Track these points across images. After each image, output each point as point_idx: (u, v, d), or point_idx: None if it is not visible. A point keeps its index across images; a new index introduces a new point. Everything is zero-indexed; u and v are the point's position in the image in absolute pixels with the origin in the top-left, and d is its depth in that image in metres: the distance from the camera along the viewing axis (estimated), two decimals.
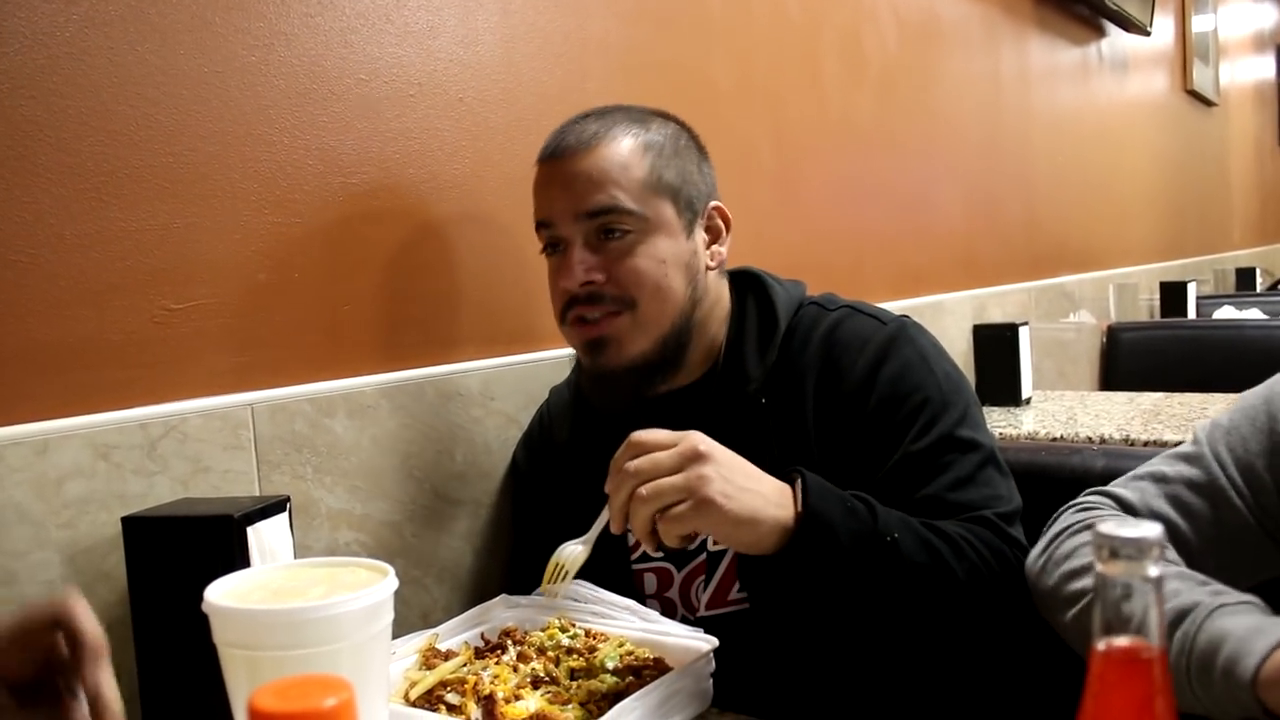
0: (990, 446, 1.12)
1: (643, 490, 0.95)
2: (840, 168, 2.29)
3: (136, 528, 0.94)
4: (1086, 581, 0.91)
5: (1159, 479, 0.99)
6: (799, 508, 0.98)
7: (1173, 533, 0.95)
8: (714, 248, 1.22)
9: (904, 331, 1.17)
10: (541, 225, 1.18)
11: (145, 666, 0.94)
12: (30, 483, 0.95)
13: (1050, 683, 1.18)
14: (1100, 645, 0.50)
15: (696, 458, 0.96)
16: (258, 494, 1.12)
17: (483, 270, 1.40)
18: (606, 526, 1.02)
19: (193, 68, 1.08)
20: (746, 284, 1.26)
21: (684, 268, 1.17)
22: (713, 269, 1.22)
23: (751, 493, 0.97)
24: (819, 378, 1.16)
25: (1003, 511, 1.07)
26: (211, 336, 1.10)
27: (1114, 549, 0.49)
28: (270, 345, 1.15)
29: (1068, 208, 3.55)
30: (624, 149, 1.15)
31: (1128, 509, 0.98)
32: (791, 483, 1.01)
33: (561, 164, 1.15)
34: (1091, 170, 3.80)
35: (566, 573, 1.05)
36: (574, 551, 1.06)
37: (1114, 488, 1.01)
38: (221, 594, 0.74)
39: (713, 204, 1.23)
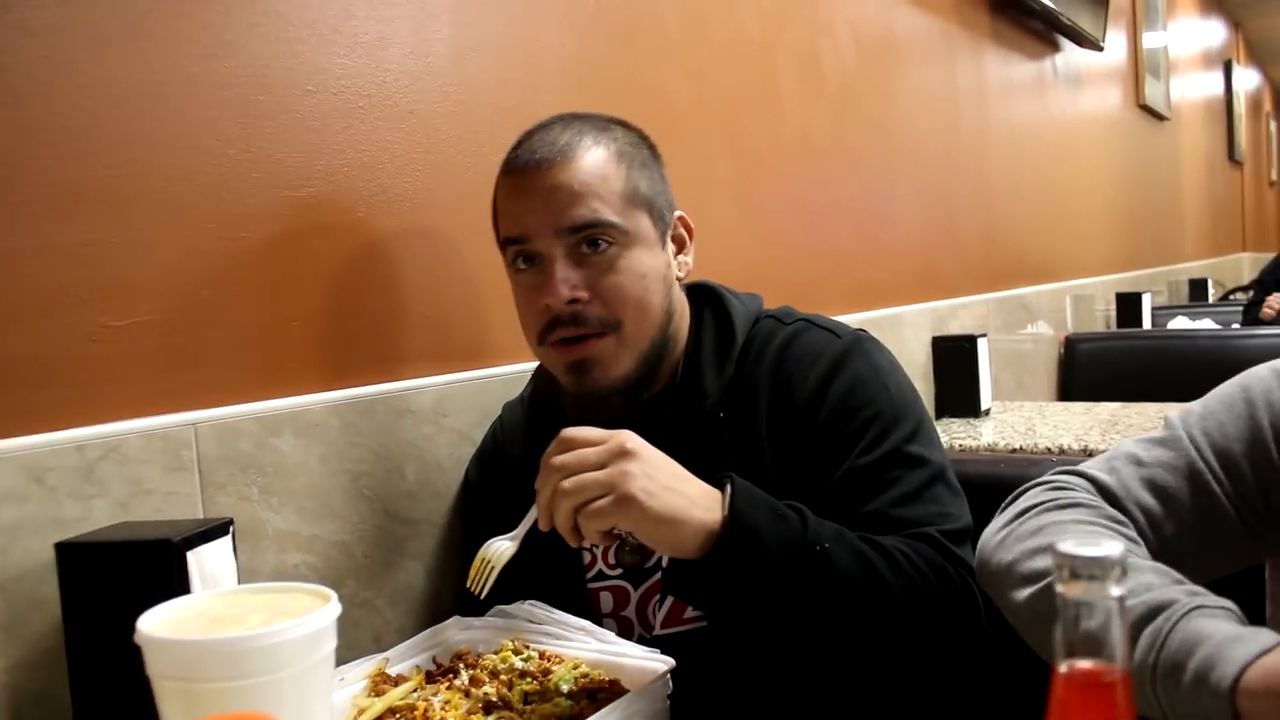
0: (940, 464, 1.11)
1: (565, 484, 0.94)
2: (799, 183, 2.29)
3: (71, 554, 0.90)
4: (1049, 563, 0.87)
5: (1135, 461, 0.96)
6: (725, 512, 0.97)
7: (1149, 517, 0.93)
8: (680, 258, 1.21)
9: (858, 345, 1.16)
10: (513, 241, 1.13)
11: (80, 700, 0.91)
12: None
13: (1006, 698, 1.18)
14: (1062, 667, 0.48)
15: (622, 454, 0.95)
16: (201, 516, 1.08)
17: (434, 285, 1.37)
18: (535, 523, 1.00)
19: (132, 77, 1.05)
20: (703, 297, 1.24)
21: (662, 280, 1.15)
22: (681, 279, 1.21)
23: (675, 493, 0.96)
24: (772, 392, 1.15)
25: (949, 529, 1.06)
26: (152, 354, 1.06)
27: (1074, 569, 0.48)
28: (214, 363, 1.12)
29: (1025, 220, 3.58)
30: (600, 159, 1.11)
31: (1103, 491, 0.94)
32: (721, 488, 0.99)
33: (536, 176, 1.11)
34: (1048, 183, 3.84)
35: (493, 569, 1.02)
36: (501, 547, 1.03)
37: (1087, 469, 0.98)
38: (156, 623, 0.71)
39: (677, 214, 1.21)
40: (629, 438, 0.96)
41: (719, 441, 1.14)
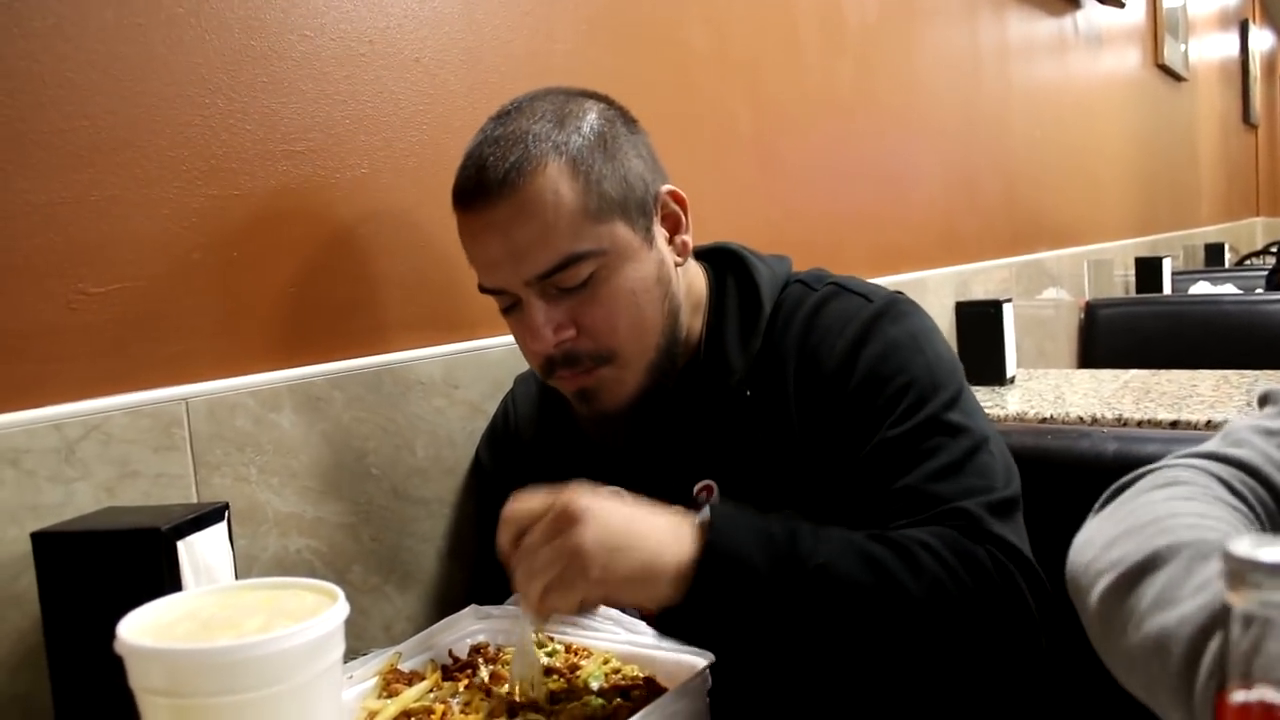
0: (984, 432, 1.00)
1: (519, 573, 0.84)
2: (820, 139, 2.19)
3: (49, 544, 0.81)
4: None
5: (1265, 433, 0.80)
6: (699, 543, 0.86)
7: None
8: (677, 238, 1.08)
9: (892, 309, 1.06)
10: (487, 291, 1.03)
11: (62, 703, 0.82)
12: None
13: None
14: (1236, 697, 0.39)
15: (567, 521, 0.83)
16: (195, 500, 1.00)
17: (444, 247, 1.27)
18: None
19: (109, 19, 0.95)
20: (726, 263, 1.14)
21: (655, 285, 1.03)
22: (681, 263, 1.08)
23: (635, 548, 0.84)
24: (800, 363, 1.05)
25: (991, 500, 0.94)
26: (137, 324, 0.97)
27: (1248, 576, 0.39)
28: (206, 333, 1.03)
29: (1044, 182, 3.48)
30: (553, 178, 0.96)
31: (1242, 466, 0.79)
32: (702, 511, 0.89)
33: (487, 214, 0.97)
34: (1067, 144, 3.73)
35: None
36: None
37: (1208, 448, 0.82)
38: (140, 628, 0.62)
39: (663, 190, 1.06)
40: (570, 500, 0.84)
41: (746, 422, 1.05)
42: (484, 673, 0.94)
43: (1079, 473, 1.29)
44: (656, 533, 0.86)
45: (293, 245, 1.11)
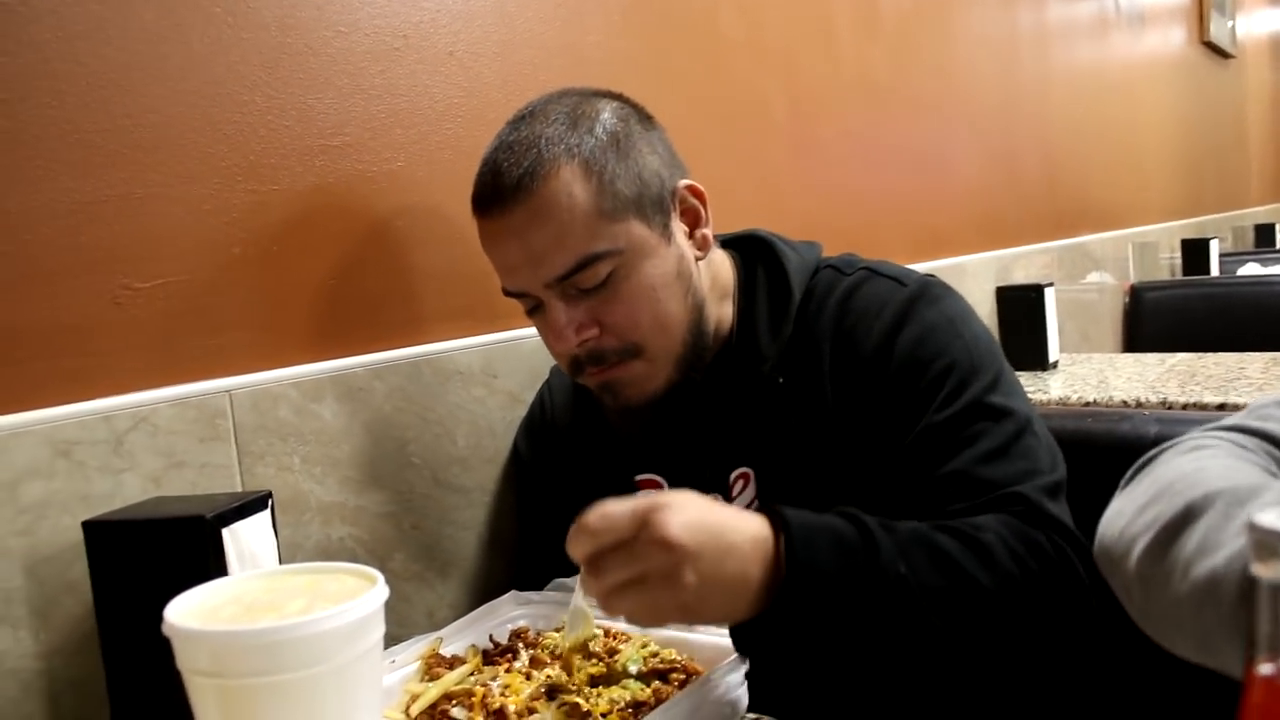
0: (1027, 414, 1.00)
1: (613, 600, 0.79)
2: (856, 126, 2.18)
3: (99, 532, 0.83)
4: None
5: None
6: (781, 561, 0.82)
7: None
8: (697, 233, 1.08)
9: (926, 292, 1.05)
10: (510, 294, 1.05)
11: (116, 689, 0.85)
12: None
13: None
14: (1264, 669, 0.39)
15: (661, 557, 0.76)
16: (239, 489, 1.02)
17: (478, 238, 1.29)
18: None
19: (150, 20, 0.97)
20: (755, 251, 1.14)
21: (675, 280, 1.03)
22: (702, 257, 1.08)
23: (729, 572, 0.79)
24: (834, 349, 1.05)
25: (1042, 484, 0.94)
26: (181, 317, 0.99)
27: (1277, 547, 0.39)
28: (248, 325, 1.05)
29: (1087, 165, 3.43)
30: (566, 181, 0.97)
31: (1276, 443, 0.77)
32: (774, 529, 0.83)
33: (503, 219, 0.99)
34: (1110, 126, 3.68)
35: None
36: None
37: (1235, 421, 0.81)
38: (186, 611, 0.64)
39: (681, 184, 1.06)
40: (662, 527, 0.77)
41: (779, 409, 1.06)
42: (524, 657, 0.95)
43: (1121, 455, 1.26)
44: (741, 550, 0.81)
45: (331, 239, 1.13)
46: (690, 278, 1.05)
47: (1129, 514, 0.76)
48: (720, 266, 1.12)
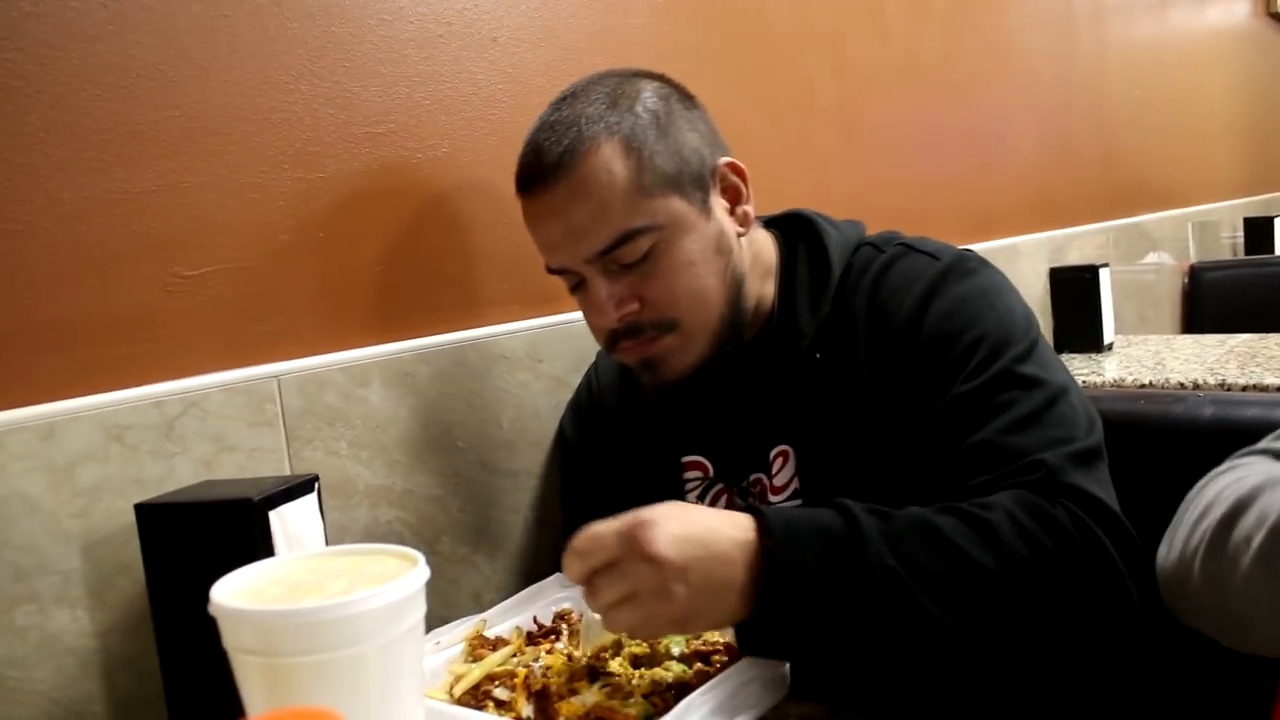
0: (1062, 383, 0.97)
1: (606, 616, 0.82)
2: (906, 108, 2.16)
3: (150, 515, 0.85)
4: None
5: None
6: (760, 560, 0.83)
7: None
8: (738, 209, 1.08)
9: (960, 265, 1.05)
10: (553, 271, 1.06)
11: (169, 666, 0.87)
12: (38, 470, 0.87)
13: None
14: None
15: (648, 573, 0.80)
16: (288, 473, 1.04)
17: (524, 223, 1.30)
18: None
19: (198, 12, 0.99)
20: (797, 229, 1.14)
21: (715, 256, 1.04)
22: (744, 233, 1.08)
23: (715, 581, 0.81)
24: (869, 324, 1.04)
25: (1071, 450, 0.91)
26: (230, 304, 1.01)
27: None
28: (296, 311, 1.07)
29: (1145, 142, 3.36)
30: (606, 158, 0.98)
31: None
32: (758, 529, 0.85)
33: (545, 198, 1.00)
34: (1169, 102, 3.60)
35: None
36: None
37: (1267, 445, 0.81)
38: (232, 591, 0.65)
39: (721, 162, 1.07)
40: (647, 544, 0.80)
41: (817, 383, 1.06)
42: (566, 638, 0.96)
43: (1174, 439, 1.24)
44: (730, 568, 0.83)
45: (377, 225, 1.14)
46: (730, 253, 1.06)
47: (1180, 541, 0.76)
48: (763, 245, 1.13)
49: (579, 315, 1.33)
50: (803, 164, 1.81)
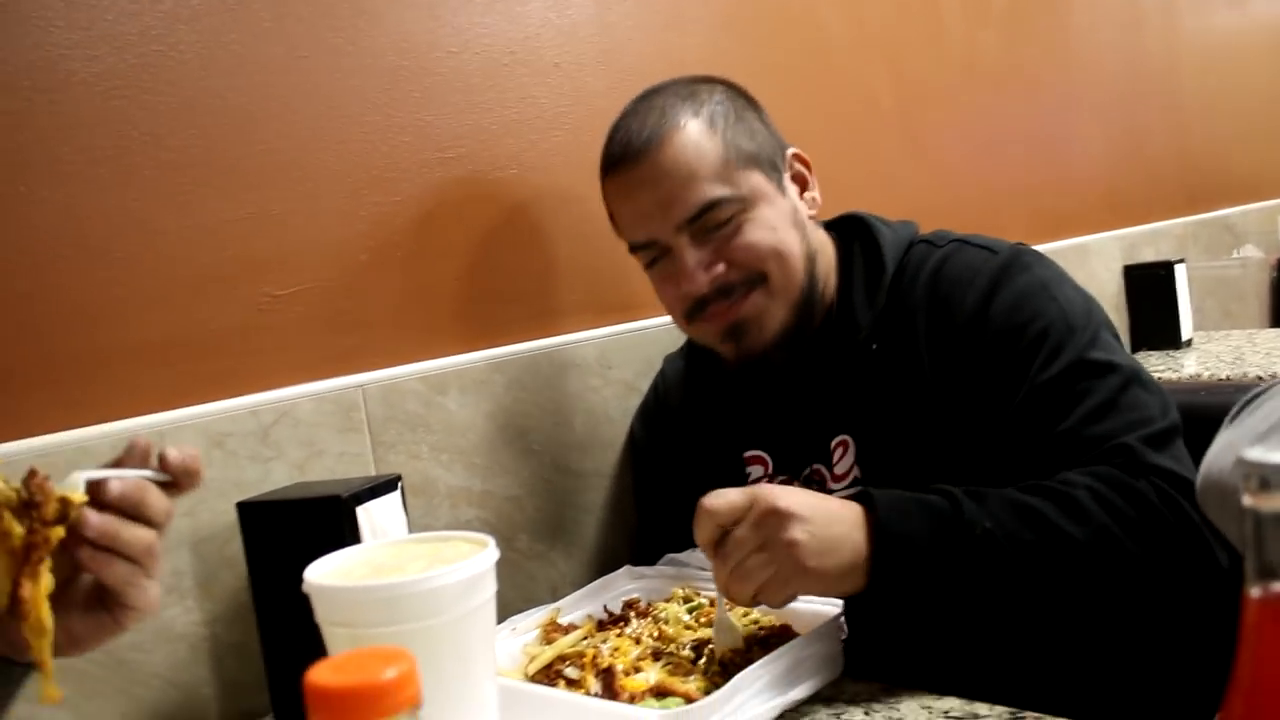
0: (1131, 367, 1.02)
1: (727, 573, 0.89)
2: (967, 110, 2.18)
3: (251, 512, 0.94)
4: None
5: None
6: (871, 532, 0.90)
7: None
8: (807, 195, 1.16)
9: (1017, 259, 1.09)
10: (639, 247, 1.12)
11: (270, 649, 0.95)
12: None
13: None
14: (1255, 591, 0.43)
15: (775, 520, 0.87)
16: (374, 475, 1.11)
17: (590, 237, 1.36)
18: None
19: (279, 54, 1.08)
20: (852, 230, 1.20)
21: (793, 226, 1.12)
22: (813, 215, 1.16)
23: (836, 538, 0.88)
24: (929, 318, 1.09)
25: (1151, 432, 0.96)
26: (317, 320, 1.10)
27: (1265, 478, 0.43)
28: (377, 326, 1.15)
29: (1225, 135, 3.30)
30: (693, 134, 1.07)
31: None
32: (865, 508, 0.91)
33: (636, 170, 1.08)
34: (1252, 90, 3.52)
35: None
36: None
37: None
38: (324, 573, 0.73)
39: (790, 152, 1.16)
40: (773, 498, 0.87)
41: (875, 374, 1.10)
42: (635, 624, 1.01)
43: None
44: (844, 524, 0.90)
45: (451, 243, 1.22)
46: (804, 227, 1.13)
47: (1238, 449, 0.77)
48: (823, 246, 1.18)
49: (647, 323, 1.40)
50: (866, 173, 1.84)
